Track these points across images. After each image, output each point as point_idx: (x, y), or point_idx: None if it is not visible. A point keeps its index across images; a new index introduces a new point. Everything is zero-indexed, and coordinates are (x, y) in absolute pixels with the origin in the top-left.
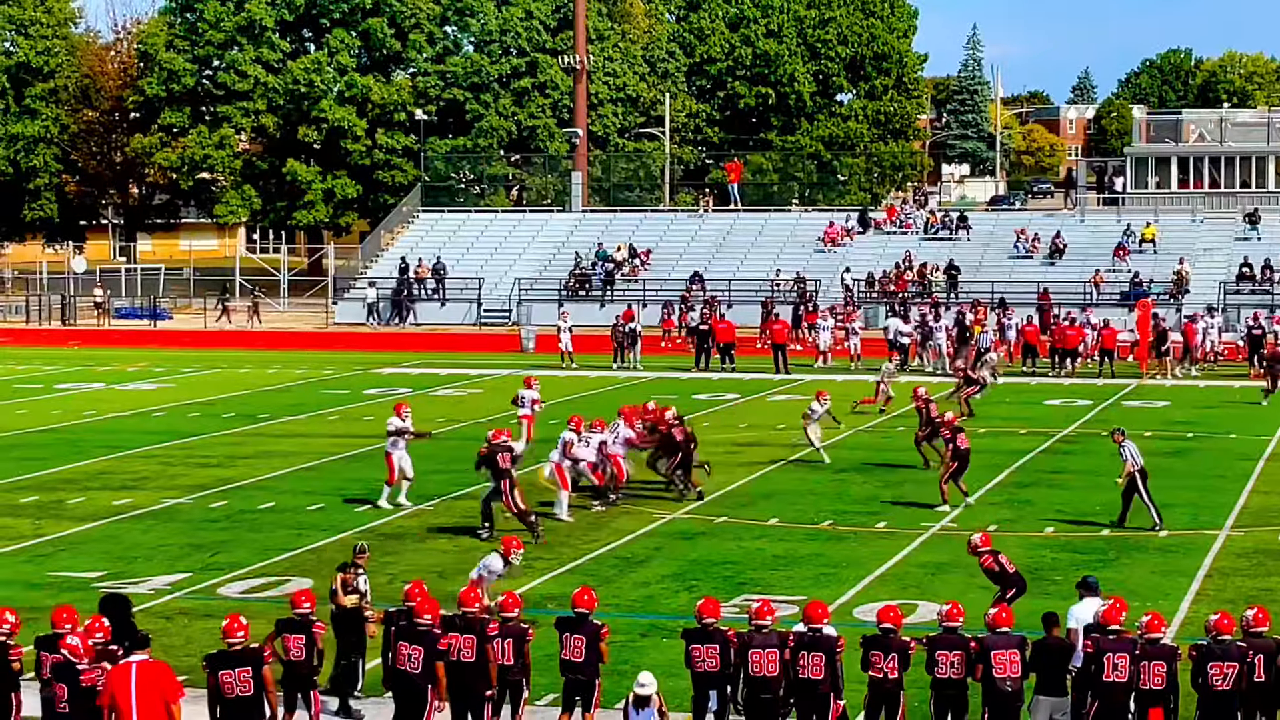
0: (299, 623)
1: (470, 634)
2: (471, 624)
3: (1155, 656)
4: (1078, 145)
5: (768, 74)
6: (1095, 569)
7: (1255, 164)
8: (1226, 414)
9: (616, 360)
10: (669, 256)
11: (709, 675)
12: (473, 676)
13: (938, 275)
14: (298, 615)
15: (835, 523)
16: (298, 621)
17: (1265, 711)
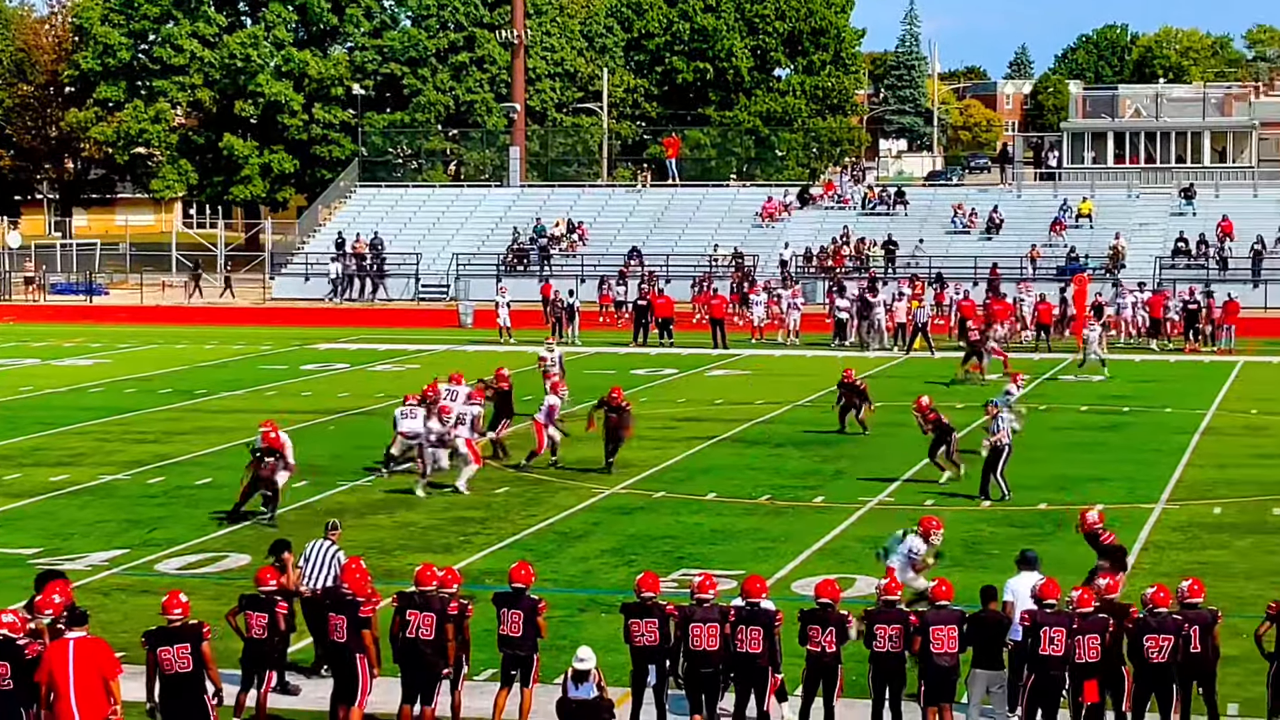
0: (263, 601)
1: (429, 612)
2: (430, 601)
3: (1089, 630)
4: (1015, 120)
5: (705, 49)
6: (1032, 543)
7: (1190, 139)
8: (1162, 388)
9: (555, 335)
10: (607, 232)
11: (648, 650)
12: (432, 654)
13: (875, 250)
14: (263, 593)
15: (773, 497)
16: (262, 599)
17: (1202, 682)
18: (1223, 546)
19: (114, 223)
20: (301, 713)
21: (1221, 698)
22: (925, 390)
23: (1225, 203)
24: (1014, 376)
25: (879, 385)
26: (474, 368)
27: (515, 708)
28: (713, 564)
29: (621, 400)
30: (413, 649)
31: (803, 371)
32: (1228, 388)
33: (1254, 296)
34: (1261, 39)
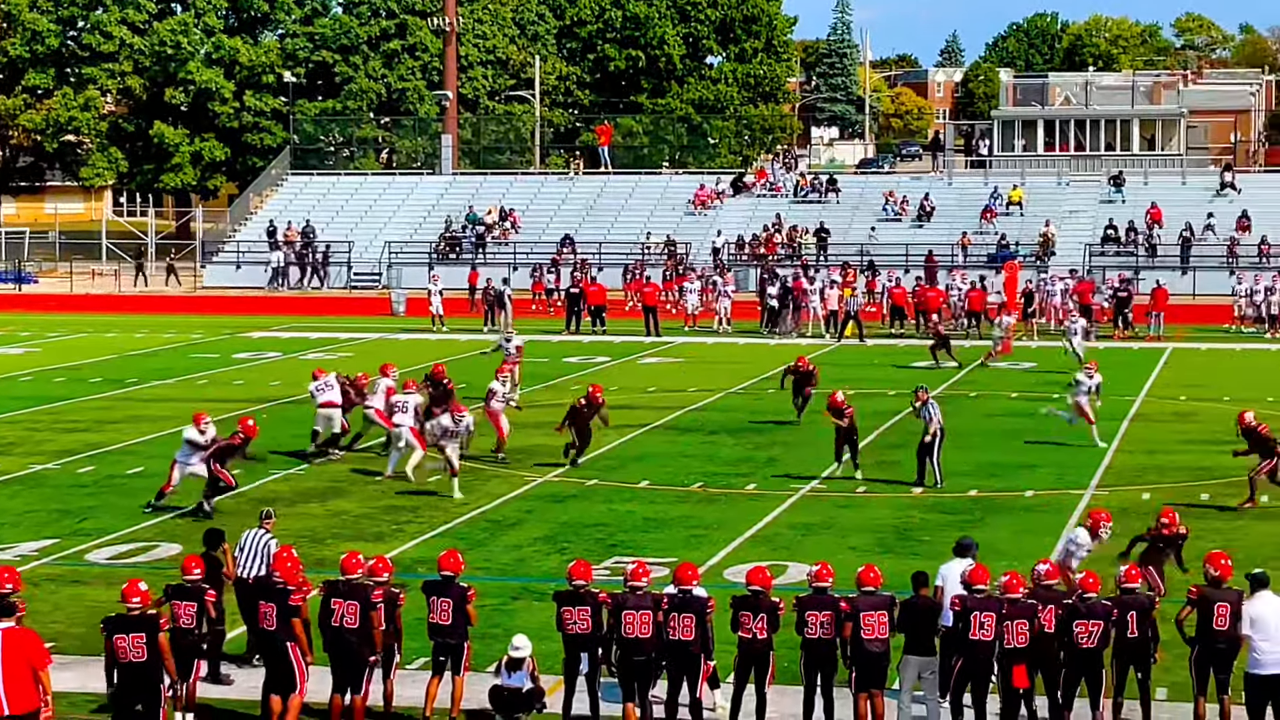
0: (189, 590)
1: (354, 600)
2: (355, 590)
3: (1017, 615)
4: (946, 108)
5: (638, 37)
6: (963, 529)
7: (1120, 127)
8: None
9: (487, 323)
10: (539, 220)
11: (580, 638)
12: (358, 643)
13: (807, 238)
14: (188, 582)
15: (706, 485)
16: (188, 589)
17: (1139, 667)
18: None
19: (43, 211)
20: (235, 702)
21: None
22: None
23: (1154, 190)
24: (1090, 365)
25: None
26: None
27: (448, 696)
28: (645, 551)
29: (600, 399)
30: (338, 638)
31: (735, 359)
32: (1156, 374)
33: (1183, 284)
34: (1190, 27)
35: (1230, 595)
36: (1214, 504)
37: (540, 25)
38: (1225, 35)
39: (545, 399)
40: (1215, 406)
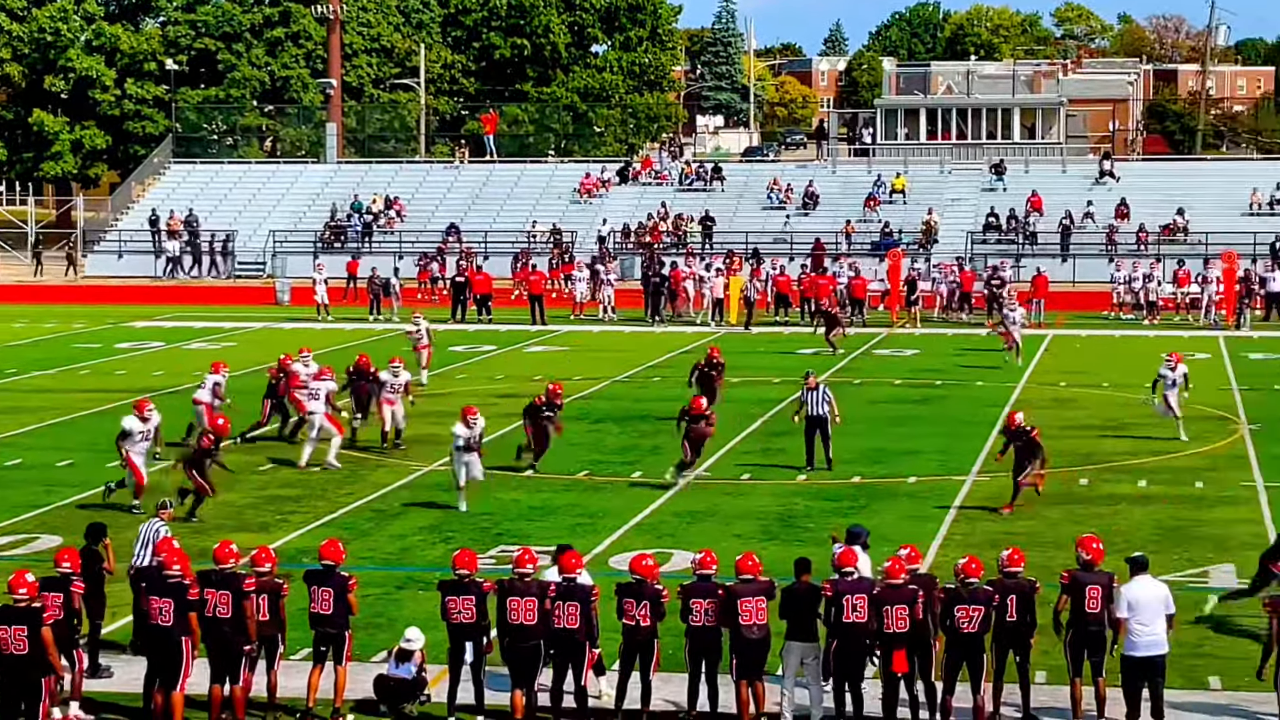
0: (58, 581)
1: (226, 590)
2: (227, 580)
3: (897, 600)
4: (830, 97)
5: (523, 25)
6: (847, 515)
7: (1001, 116)
8: (974, 361)
9: (373, 312)
10: (425, 208)
11: (465, 627)
12: (232, 633)
13: (693, 226)
14: (59, 573)
15: (591, 473)
16: (57, 580)
17: (1019, 651)
18: (1032, 517)
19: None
20: (117, 695)
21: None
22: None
23: (1034, 178)
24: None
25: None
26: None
27: (331, 686)
28: (531, 540)
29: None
30: (213, 628)
31: (621, 347)
32: (1037, 361)
33: (1062, 271)
34: (1070, 17)
35: (1102, 579)
36: (1093, 489)
37: (425, 13)
38: (1104, 25)
39: (431, 388)
40: (1095, 393)
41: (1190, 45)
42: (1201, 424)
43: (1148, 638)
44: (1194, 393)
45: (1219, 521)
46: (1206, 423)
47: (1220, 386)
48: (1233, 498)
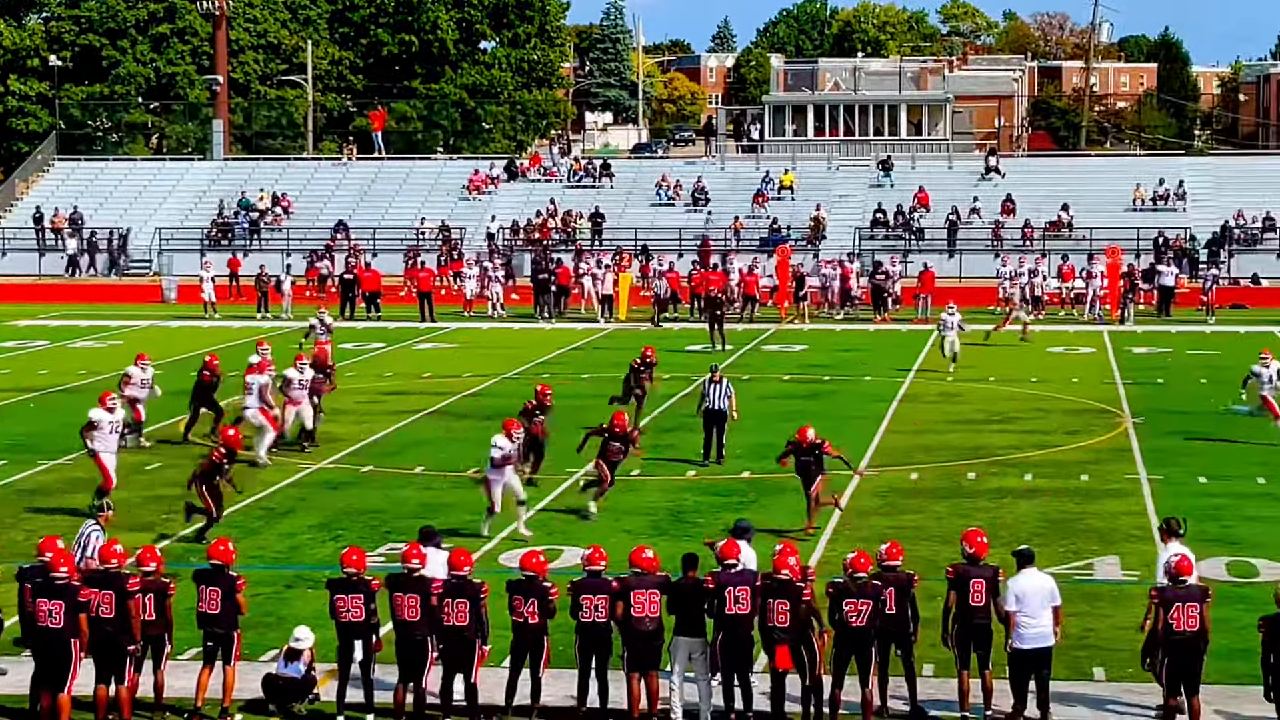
0: None
1: (110, 589)
2: (111, 579)
3: (780, 595)
4: (718, 94)
5: (411, 21)
6: (736, 511)
7: (888, 112)
8: (862, 357)
9: (260, 310)
10: (313, 205)
11: (353, 625)
12: (115, 632)
13: (582, 223)
14: None
15: (480, 470)
16: None
17: (900, 645)
18: (919, 511)
19: None
20: (4, 697)
21: (918, 658)
22: None
23: (921, 174)
24: (1265, 353)
25: (587, 356)
26: (179, 344)
27: (220, 686)
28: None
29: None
30: (97, 628)
31: (510, 344)
32: (924, 356)
33: (949, 266)
34: (956, 14)
35: (986, 572)
36: (980, 483)
37: (312, 9)
38: (990, 22)
39: None
40: (981, 387)
41: (1074, 42)
42: (1085, 417)
43: (1034, 630)
44: (1078, 386)
45: (1104, 514)
46: (1090, 416)
47: (1104, 380)
48: (1117, 490)
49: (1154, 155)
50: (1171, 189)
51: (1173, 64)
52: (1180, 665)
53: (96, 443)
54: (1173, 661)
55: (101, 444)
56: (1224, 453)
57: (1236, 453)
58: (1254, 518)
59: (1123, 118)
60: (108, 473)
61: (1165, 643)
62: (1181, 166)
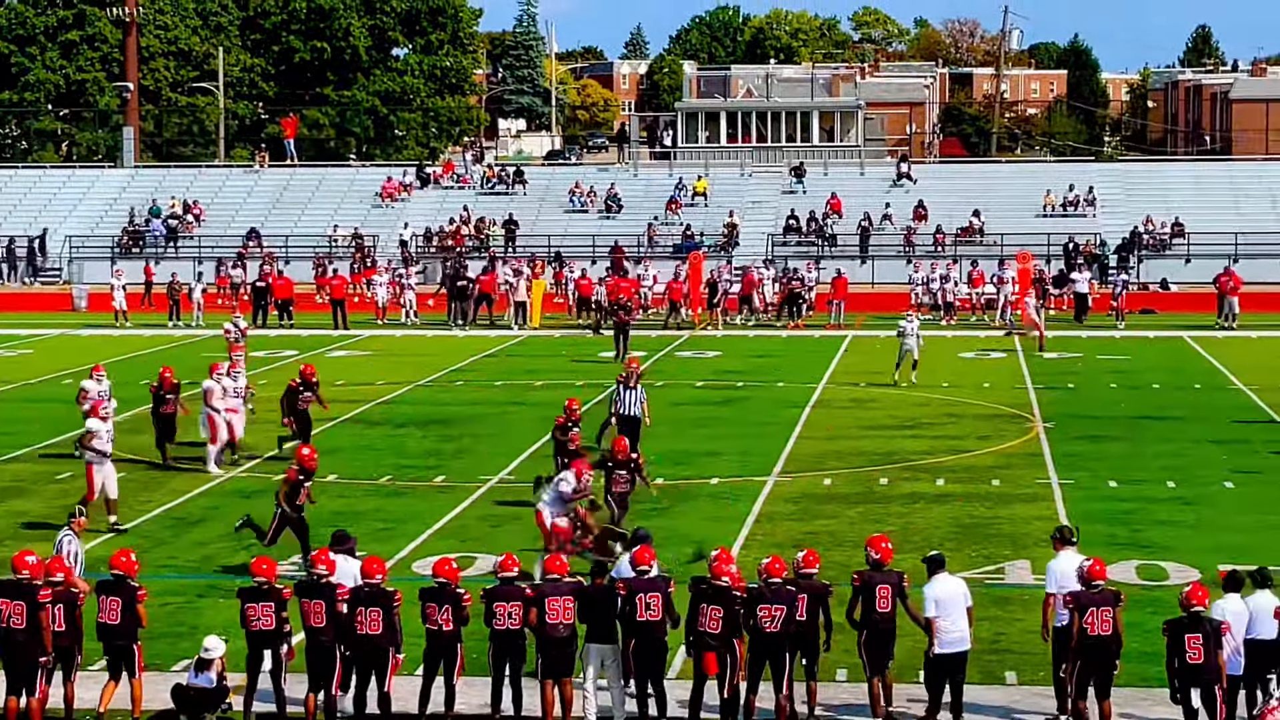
0: None
1: (21, 600)
2: (22, 590)
3: (715, 601)
4: (631, 100)
5: (323, 28)
6: (649, 518)
7: (800, 119)
8: (775, 363)
9: (172, 318)
10: (224, 213)
11: (263, 634)
12: (26, 643)
13: (495, 229)
14: None
15: (394, 478)
16: None
17: (806, 652)
18: (833, 516)
19: None
20: None
21: (831, 663)
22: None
23: (834, 181)
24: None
25: (500, 363)
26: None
27: (130, 698)
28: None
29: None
30: (7, 639)
31: (423, 351)
32: (837, 361)
33: (862, 272)
34: (867, 21)
35: (892, 578)
36: (892, 489)
37: (223, 16)
38: (901, 29)
39: None
40: (893, 393)
41: (985, 49)
42: (997, 422)
43: (953, 635)
44: (990, 392)
45: (1015, 519)
46: (1002, 421)
47: (1016, 385)
48: (1028, 495)
49: (1064, 161)
50: (1081, 195)
51: (1082, 71)
52: (1093, 669)
53: (89, 454)
54: (1085, 665)
55: (95, 455)
56: (1134, 457)
57: (1146, 457)
58: (1164, 522)
59: (1033, 124)
60: (93, 485)
61: (1079, 647)
62: (1091, 173)
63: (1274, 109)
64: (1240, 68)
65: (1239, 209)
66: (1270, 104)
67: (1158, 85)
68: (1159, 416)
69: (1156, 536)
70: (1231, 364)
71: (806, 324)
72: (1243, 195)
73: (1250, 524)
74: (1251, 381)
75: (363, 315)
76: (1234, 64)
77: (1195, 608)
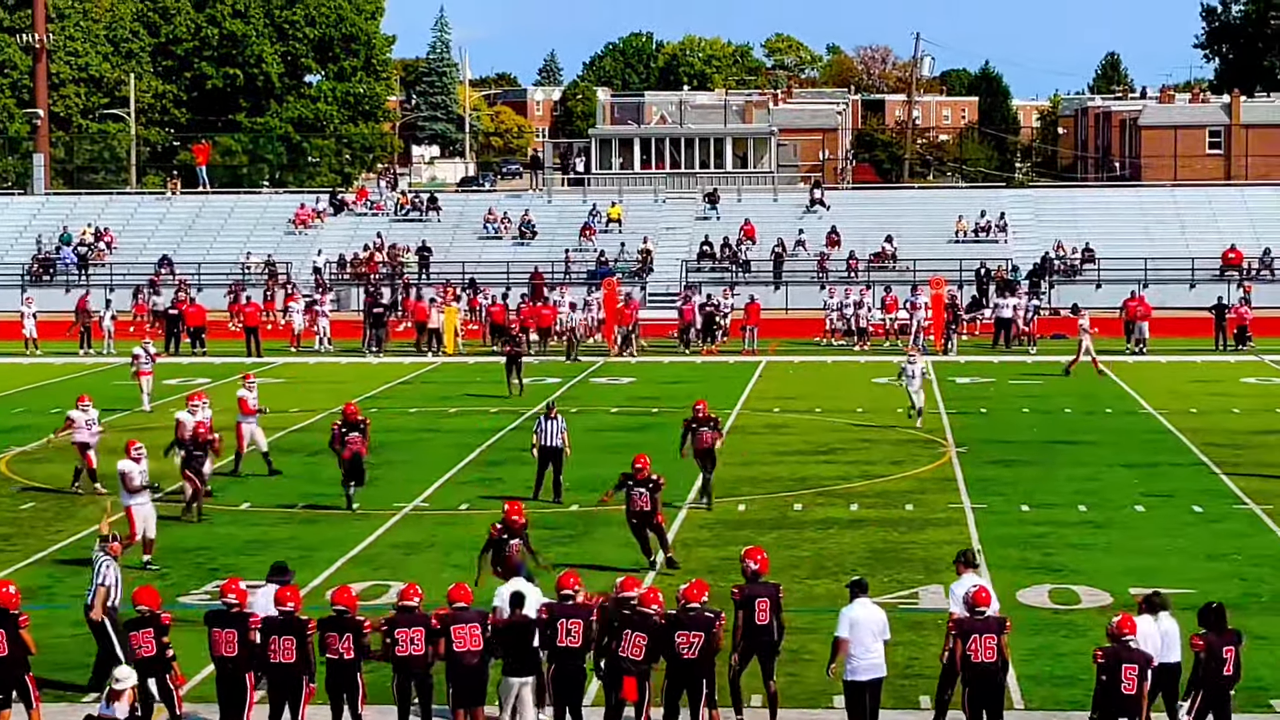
0: None
1: None
2: None
3: (640, 628)
4: (545, 127)
5: (235, 55)
6: (564, 544)
7: (714, 145)
8: (690, 389)
9: (82, 346)
10: (137, 240)
11: (145, 661)
12: None
13: (409, 256)
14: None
15: (308, 505)
16: None
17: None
18: (747, 542)
19: None
20: None
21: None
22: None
23: (747, 207)
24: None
25: (415, 390)
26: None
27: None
28: (247, 574)
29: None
30: None
31: (337, 378)
32: (751, 387)
33: (775, 298)
34: (780, 48)
35: (769, 589)
36: (806, 514)
37: (135, 42)
38: (813, 55)
39: (141, 421)
40: (807, 418)
41: (897, 75)
42: (910, 448)
43: (868, 661)
44: (903, 417)
45: (928, 543)
46: (915, 446)
47: (929, 410)
48: (941, 519)
49: (976, 187)
50: (993, 220)
51: (993, 97)
52: (981, 695)
53: (126, 495)
54: (974, 693)
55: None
56: (1046, 481)
57: (1059, 481)
58: (1075, 545)
59: (945, 150)
60: (134, 526)
61: (965, 673)
62: (1003, 198)
63: (1182, 135)
64: (1149, 95)
65: (1149, 234)
66: (1179, 130)
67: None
68: (1071, 441)
69: (1068, 560)
70: (1142, 388)
71: (721, 349)
72: (1152, 221)
73: (1161, 547)
74: (1162, 406)
75: (277, 342)
76: (1143, 91)
77: (1127, 637)
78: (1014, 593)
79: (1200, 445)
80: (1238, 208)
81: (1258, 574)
